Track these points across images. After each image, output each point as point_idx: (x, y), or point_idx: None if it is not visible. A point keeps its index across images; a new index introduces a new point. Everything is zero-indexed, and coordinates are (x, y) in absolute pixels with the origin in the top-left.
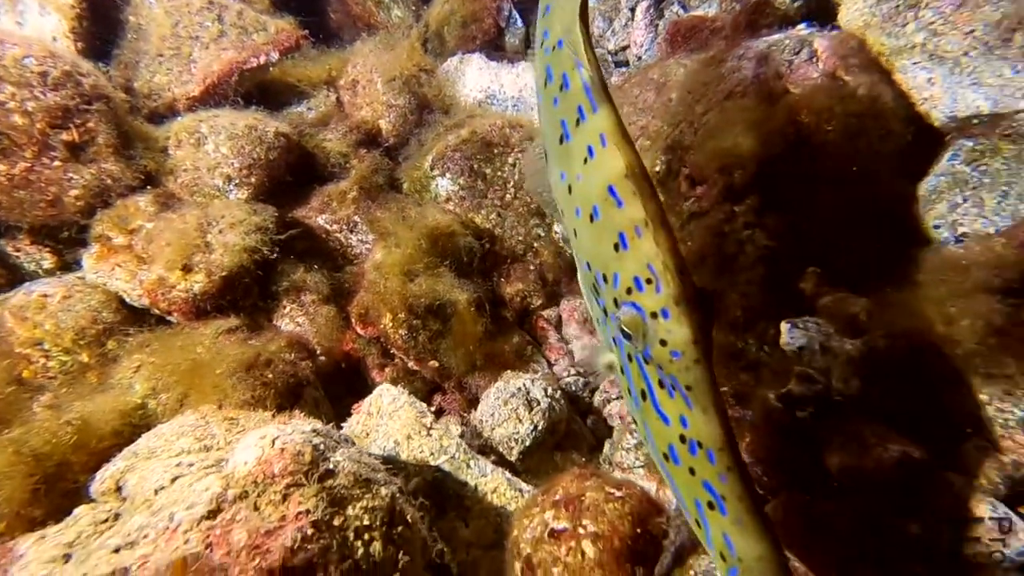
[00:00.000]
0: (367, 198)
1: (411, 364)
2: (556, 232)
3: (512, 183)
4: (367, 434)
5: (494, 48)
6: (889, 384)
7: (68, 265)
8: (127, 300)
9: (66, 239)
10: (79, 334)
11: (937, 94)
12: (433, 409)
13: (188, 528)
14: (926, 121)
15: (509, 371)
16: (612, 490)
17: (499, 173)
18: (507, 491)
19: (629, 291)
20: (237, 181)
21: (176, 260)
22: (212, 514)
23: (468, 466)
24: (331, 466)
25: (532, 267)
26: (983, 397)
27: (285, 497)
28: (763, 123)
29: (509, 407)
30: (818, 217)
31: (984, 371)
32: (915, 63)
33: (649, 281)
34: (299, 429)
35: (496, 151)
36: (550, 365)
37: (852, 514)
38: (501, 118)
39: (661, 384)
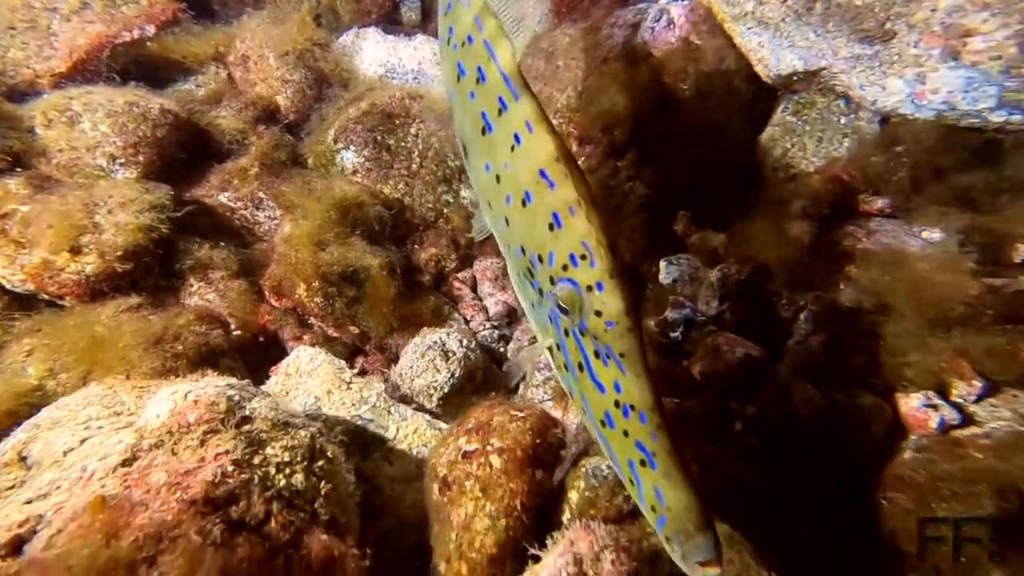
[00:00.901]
0: (270, 174)
1: (330, 331)
2: (464, 197)
3: (417, 153)
4: (286, 393)
5: (390, 22)
6: (740, 301)
7: None
8: (7, 286)
9: None
10: None
11: (766, 56)
12: (356, 371)
13: (103, 475)
14: (762, 79)
15: (427, 328)
16: (516, 412)
17: (403, 144)
18: (427, 431)
19: (565, 267)
20: (123, 160)
21: (61, 243)
22: (128, 462)
23: (389, 412)
24: (247, 413)
25: (444, 233)
26: (802, 303)
27: (203, 442)
28: (633, 85)
29: (426, 359)
30: (684, 167)
31: (804, 281)
32: (749, 28)
33: (584, 257)
34: (212, 383)
35: (398, 122)
36: (467, 322)
37: (707, 406)
38: (400, 90)
39: (596, 354)
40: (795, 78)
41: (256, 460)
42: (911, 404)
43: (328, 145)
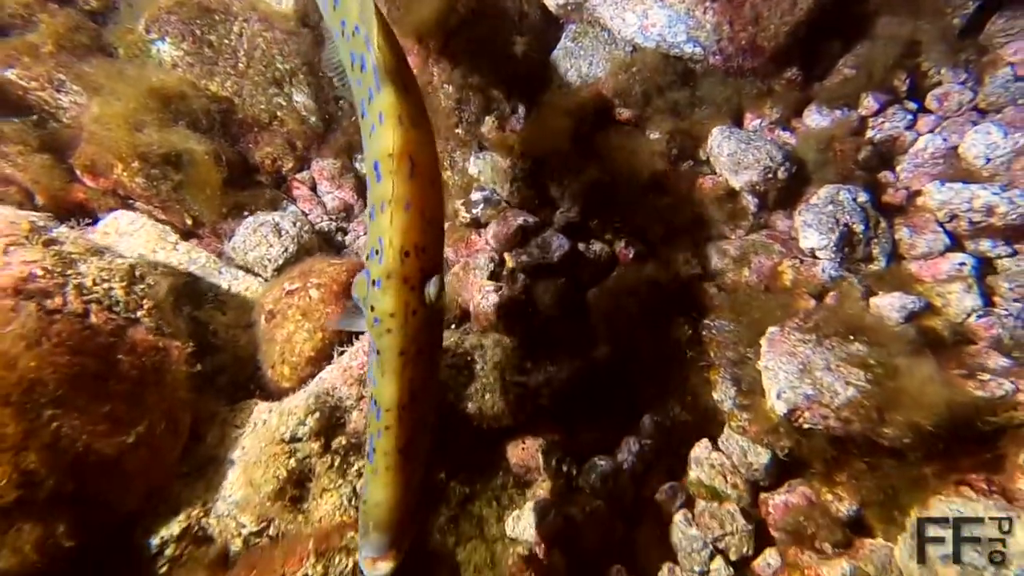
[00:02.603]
0: (70, 55)
1: (157, 213)
2: (297, 102)
3: (243, 52)
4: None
5: None
6: (524, 184)
7: None
8: None
9: None
10: None
11: None
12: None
13: None
14: (547, 7)
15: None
16: (334, 260)
17: (226, 41)
18: (259, 288)
19: (367, 258)
20: None
21: None
22: None
23: (220, 272)
24: (54, 235)
25: (280, 134)
26: (566, 183)
27: (5, 251)
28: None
29: (259, 234)
30: (491, 76)
31: (571, 168)
32: None
33: (377, 252)
34: (10, 210)
35: (218, 18)
36: (305, 215)
37: (491, 258)
38: None
39: (371, 345)
40: (569, 8)
41: (69, 272)
42: (620, 246)
43: (140, 35)
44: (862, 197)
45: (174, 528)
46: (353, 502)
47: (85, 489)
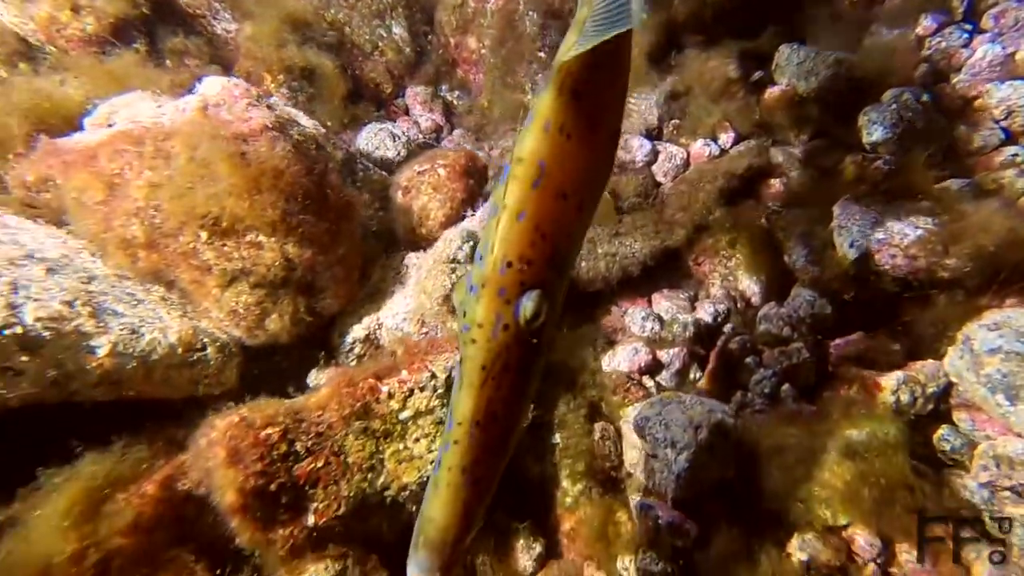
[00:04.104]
0: None
1: None
2: (395, 33)
3: None
4: None
5: None
6: None
7: None
8: (22, 35)
9: None
10: None
11: None
12: None
13: (191, 109)
14: None
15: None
16: (452, 150)
17: None
18: (385, 178)
19: (474, 259)
20: None
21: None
22: (202, 109)
23: (356, 161)
24: (271, 103)
25: (380, 63)
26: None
27: (248, 107)
28: None
29: (378, 138)
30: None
31: (650, 83)
32: None
33: (482, 257)
34: (241, 82)
35: None
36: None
37: None
38: None
39: (457, 350)
40: None
41: (287, 126)
42: (696, 145)
43: None
44: (924, 97)
45: (359, 333)
46: None
47: (312, 286)
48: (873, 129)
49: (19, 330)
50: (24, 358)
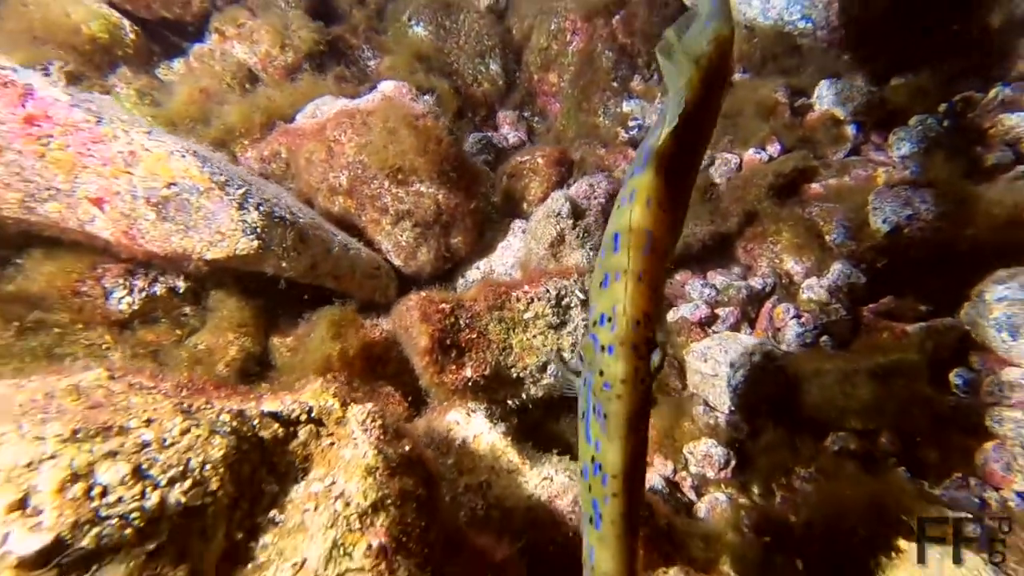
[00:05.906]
0: (371, 30)
1: None
2: (492, 69)
3: (463, 32)
4: None
5: None
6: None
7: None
8: (247, 64)
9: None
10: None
11: None
12: None
13: (376, 99)
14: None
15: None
16: (546, 146)
17: (455, 25)
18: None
19: (596, 323)
20: (293, 4)
21: (275, 42)
22: (387, 98)
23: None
24: (424, 98)
25: (478, 91)
26: None
27: (412, 99)
28: None
29: (481, 143)
30: (639, 46)
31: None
32: None
33: (609, 320)
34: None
35: (452, 9)
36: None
37: None
38: None
39: (594, 409)
40: None
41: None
42: (749, 152)
43: (404, 22)
44: (946, 123)
45: (476, 275)
46: (586, 260)
47: (450, 230)
48: (901, 145)
49: (300, 226)
50: (302, 245)
